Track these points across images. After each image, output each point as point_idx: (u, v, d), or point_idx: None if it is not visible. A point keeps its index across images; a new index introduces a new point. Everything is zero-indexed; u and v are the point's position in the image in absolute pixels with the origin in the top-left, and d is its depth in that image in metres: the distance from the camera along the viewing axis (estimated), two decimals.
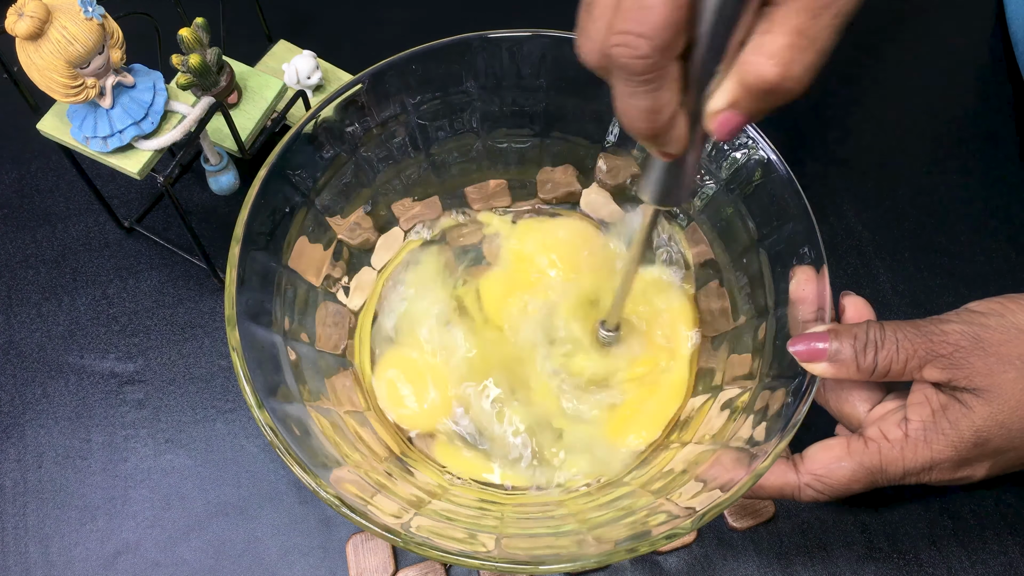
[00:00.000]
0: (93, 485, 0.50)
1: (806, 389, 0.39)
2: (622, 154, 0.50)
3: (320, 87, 0.58)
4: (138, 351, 0.54)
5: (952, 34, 0.66)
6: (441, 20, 0.64)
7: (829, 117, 0.62)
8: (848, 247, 0.57)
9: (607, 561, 0.36)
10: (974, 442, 0.38)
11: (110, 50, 0.43)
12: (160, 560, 0.48)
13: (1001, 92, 0.63)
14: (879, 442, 0.40)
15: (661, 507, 0.38)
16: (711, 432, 0.43)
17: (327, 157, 0.45)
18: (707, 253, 0.48)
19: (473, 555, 0.35)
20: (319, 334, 0.46)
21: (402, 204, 0.51)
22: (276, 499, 0.50)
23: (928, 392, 0.40)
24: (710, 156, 0.46)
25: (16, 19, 0.40)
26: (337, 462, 0.39)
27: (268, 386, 0.39)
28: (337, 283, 0.49)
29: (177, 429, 0.52)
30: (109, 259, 0.57)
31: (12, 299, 0.55)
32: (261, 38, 0.60)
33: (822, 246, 0.41)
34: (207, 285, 0.56)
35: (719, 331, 0.48)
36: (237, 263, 0.40)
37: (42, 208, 0.58)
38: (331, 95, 0.44)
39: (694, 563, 0.48)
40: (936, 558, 0.48)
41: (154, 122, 0.45)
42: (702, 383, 0.47)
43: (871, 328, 0.39)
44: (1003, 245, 0.57)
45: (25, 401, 0.52)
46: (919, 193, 0.59)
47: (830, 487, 0.40)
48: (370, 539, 0.48)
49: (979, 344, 0.38)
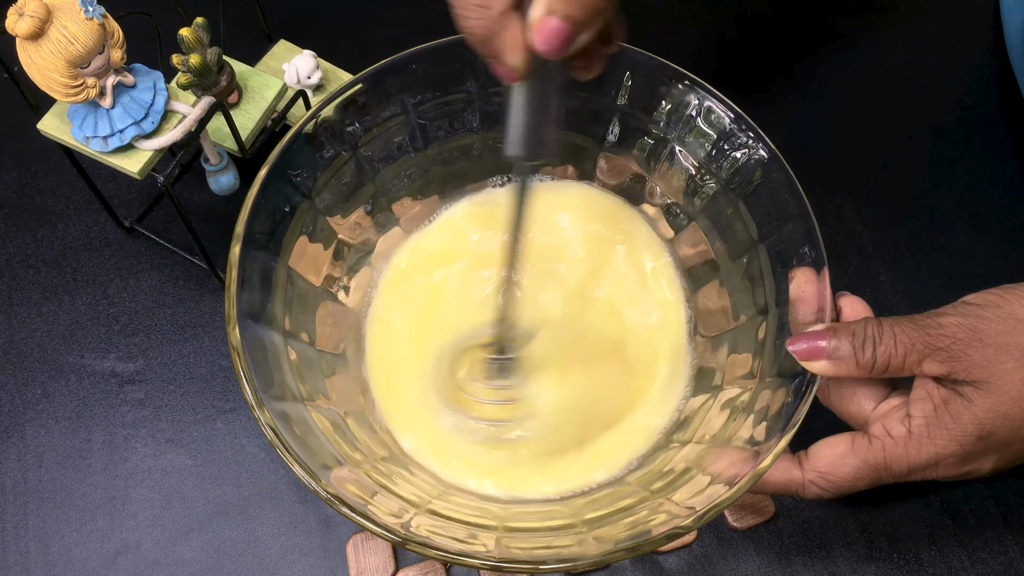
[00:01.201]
0: (93, 485, 0.50)
1: (806, 388, 0.39)
2: (622, 153, 0.50)
3: (320, 87, 0.58)
4: (138, 351, 0.54)
5: (952, 34, 0.66)
6: (441, 20, 0.64)
7: (829, 117, 0.62)
8: (848, 247, 0.57)
9: (607, 561, 0.36)
10: (977, 435, 0.38)
11: (110, 50, 0.43)
12: (160, 560, 0.48)
13: (1001, 92, 0.63)
14: (883, 439, 0.40)
15: (661, 507, 0.38)
16: (711, 432, 0.43)
17: (327, 157, 0.45)
18: (707, 253, 0.48)
19: (473, 555, 0.35)
20: (319, 334, 0.46)
21: (402, 204, 0.51)
22: (276, 499, 0.50)
23: (930, 387, 0.40)
24: (710, 156, 0.46)
25: (16, 19, 0.40)
26: (337, 462, 0.39)
27: (268, 386, 0.39)
28: (337, 283, 0.49)
29: (177, 429, 0.52)
30: (109, 259, 0.57)
31: (12, 299, 0.55)
32: (261, 38, 0.60)
33: (822, 246, 0.41)
34: (207, 285, 0.56)
35: (719, 331, 0.47)
36: (237, 263, 0.40)
37: (42, 208, 0.58)
38: (331, 95, 0.44)
39: (694, 563, 0.48)
40: (936, 558, 0.48)
41: (154, 122, 0.45)
42: (702, 383, 0.47)
43: (869, 324, 0.39)
44: (1003, 245, 0.57)
45: (25, 401, 0.52)
46: (919, 193, 0.59)
47: (834, 484, 0.40)
48: (370, 539, 0.48)
49: (976, 336, 0.38)
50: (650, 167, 0.49)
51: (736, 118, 0.44)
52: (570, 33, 0.31)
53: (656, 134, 0.47)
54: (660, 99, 0.46)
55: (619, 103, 0.47)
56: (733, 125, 0.44)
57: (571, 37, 0.31)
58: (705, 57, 0.65)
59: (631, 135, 0.48)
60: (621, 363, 0.48)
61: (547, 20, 0.30)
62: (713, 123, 0.45)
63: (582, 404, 0.47)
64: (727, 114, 0.45)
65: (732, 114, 0.44)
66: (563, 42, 0.31)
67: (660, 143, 0.48)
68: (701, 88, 0.45)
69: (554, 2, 0.30)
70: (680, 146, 0.47)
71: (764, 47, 0.65)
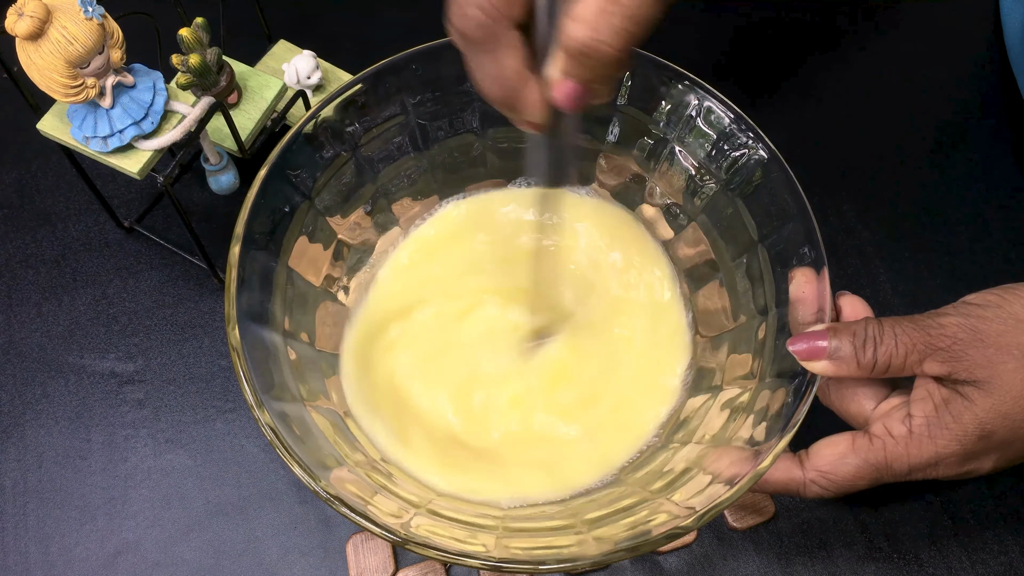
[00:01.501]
0: (93, 485, 0.50)
1: (806, 388, 0.39)
2: (622, 153, 0.50)
3: (320, 87, 0.58)
4: (138, 351, 0.54)
5: (952, 34, 0.66)
6: (441, 20, 0.64)
7: (829, 117, 0.62)
8: (848, 247, 0.57)
9: (607, 561, 0.36)
10: (978, 435, 0.38)
11: (110, 50, 0.43)
12: (160, 560, 0.48)
13: (1001, 92, 0.63)
14: (884, 439, 0.40)
15: (661, 507, 0.38)
16: (711, 432, 0.43)
17: (327, 157, 0.45)
18: (707, 253, 0.48)
19: (473, 555, 0.35)
20: (319, 334, 0.46)
21: (402, 204, 0.51)
22: (276, 499, 0.50)
23: (930, 387, 0.40)
24: (710, 156, 0.46)
25: (16, 19, 0.40)
26: (337, 462, 0.39)
27: (268, 386, 0.39)
28: (337, 283, 0.49)
29: (177, 429, 0.52)
30: (109, 259, 0.57)
31: (12, 299, 0.55)
32: (261, 38, 0.60)
33: (822, 246, 0.41)
34: (207, 285, 0.56)
35: (719, 331, 0.47)
36: (237, 263, 0.40)
37: (42, 208, 0.58)
38: (331, 95, 0.44)
39: (694, 563, 0.48)
40: (936, 558, 0.48)
41: (154, 122, 0.45)
42: (702, 383, 0.47)
43: (869, 324, 0.39)
44: (1003, 245, 0.57)
45: (25, 401, 0.52)
46: (919, 193, 0.59)
47: (835, 484, 0.40)
48: (370, 539, 0.48)
49: (977, 336, 0.38)
50: (650, 167, 0.49)
51: (736, 118, 0.44)
52: (585, 92, 0.32)
53: (656, 134, 0.47)
54: (660, 99, 0.46)
55: (619, 103, 0.47)
56: (733, 125, 0.44)
57: (587, 95, 0.32)
58: (705, 57, 0.65)
59: (631, 135, 0.48)
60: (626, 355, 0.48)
61: (564, 83, 0.32)
62: (713, 123, 0.45)
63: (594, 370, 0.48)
64: (727, 114, 0.45)
65: (732, 114, 0.44)
66: (580, 100, 0.32)
67: (660, 143, 0.48)
68: (701, 88, 0.45)
69: (568, 65, 0.31)
70: (680, 146, 0.47)
71: (764, 47, 0.66)
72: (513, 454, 0.45)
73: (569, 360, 0.48)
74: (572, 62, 0.31)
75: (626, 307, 0.49)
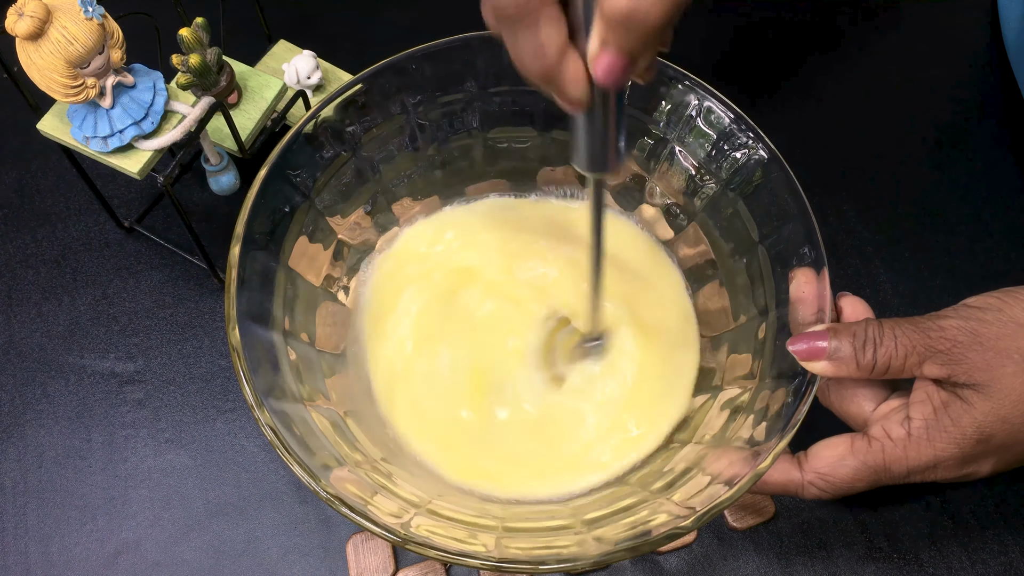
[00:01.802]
0: (93, 485, 0.50)
1: (806, 389, 0.39)
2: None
3: (320, 87, 0.58)
4: (138, 351, 0.54)
5: (952, 34, 0.66)
6: (441, 20, 0.64)
7: (829, 117, 0.62)
8: (848, 247, 0.57)
9: (607, 561, 0.36)
10: (977, 438, 0.38)
11: (110, 50, 0.43)
12: (160, 560, 0.48)
13: (1001, 92, 0.63)
14: (882, 441, 0.40)
15: (661, 507, 0.38)
16: (711, 432, 0.43)
17: (327, 157, 0.45)
18: (707, 253, 0.48)
19: (473, 555, 0.35)
20: (319, 334, 0.46)
21: (402, 204, 0.51)
22: (276, 499, 0.50)
23: (930, 389, 0.40)
24: (710, 156, 0.46)
25: (16, 19, 0.40)
26: (337, 462, 0.39)
27: (268, 386, 0.39)
28: (337, 283, 0.49)
29: (177, 429, 0.52)
30: (109, 259, 0.57)
31: (12, 299, 0.55)
32: (261, 38, 0.60)
33: (822, 246, 0.41)
34: (207, 285, 0.56)
35: (719, 331, 0.47)
36: (237, 263, 0.40)
37: (42, 208, 0.58)
38: (331, 95, 0.44)
39: (694, 563, 0.48)
40: (936, 558, 0.48)
41: (154, 122, 0.45)
42: (702, 383, 0.47)
43: (870, 325, 0.39)
44: (1003, 245, 0.57)
45: (25, 401, 0.52)
46: (919, 193, 0.59)
47: (833, 485, 0.40)
48: (370, 539, 0.48)
49: (977, 339, 0.38)
50: (650, 167, 0.49)
51: (736, 118, 0.44)
52: (627, 64, 0.31)
53: (656, 134, 0.47)
54: (660, 99, 0.46)
55: None
56: (733, 125, 0.44)
57: (629, 67, 0.31)
58: (705, 57, 0.65)
59: (631, 135, 0.48)
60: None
61: (604, 54, 0.31)
62: (713, 123, 0.45)
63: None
64: (727, 114, 0.45)
65: (732, 114, 0.44)
66: (622, 73, 0.31)
67: (660, 143, 0.48)
68: (701, 88, 0.45)
69: (608, 35, 0.30)
70: (680, 146, 0.47)
71: (764, 47, 0.65)
72: (520, 447, 0.46)
73: (596, 372, 0.48)
74: (613, 31, 0.30)
75: (651, 327, 0.49)
